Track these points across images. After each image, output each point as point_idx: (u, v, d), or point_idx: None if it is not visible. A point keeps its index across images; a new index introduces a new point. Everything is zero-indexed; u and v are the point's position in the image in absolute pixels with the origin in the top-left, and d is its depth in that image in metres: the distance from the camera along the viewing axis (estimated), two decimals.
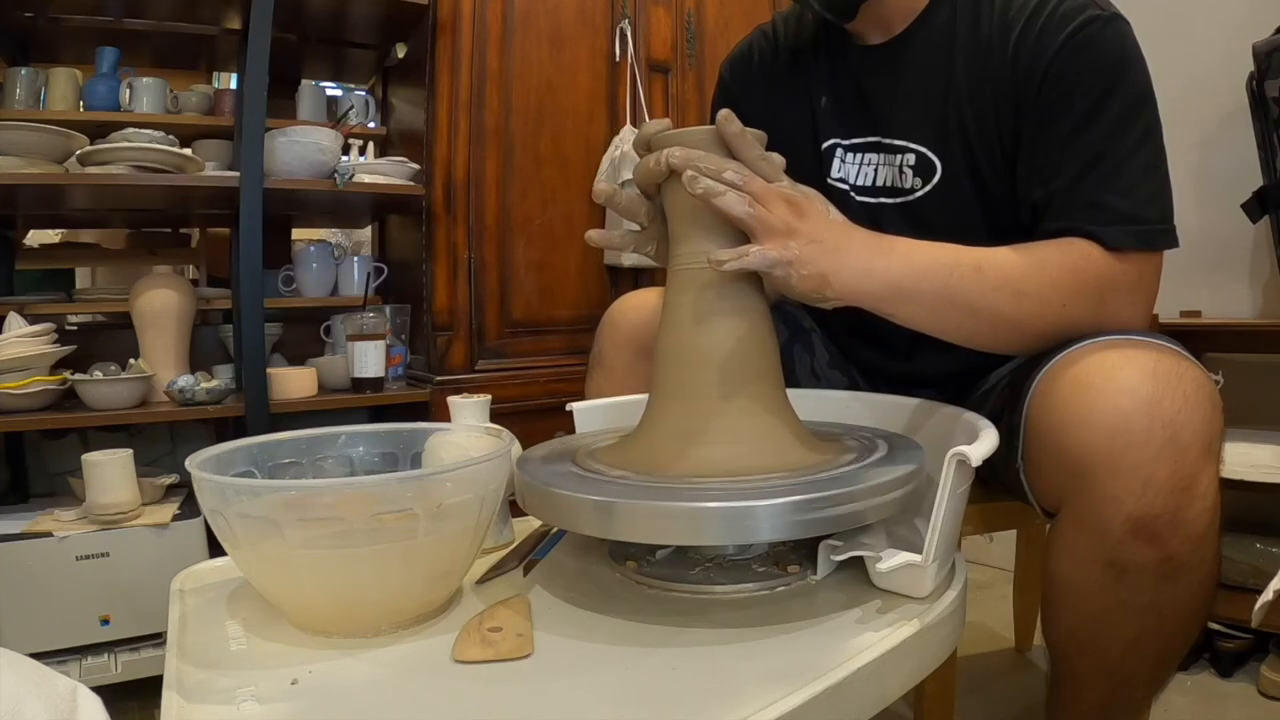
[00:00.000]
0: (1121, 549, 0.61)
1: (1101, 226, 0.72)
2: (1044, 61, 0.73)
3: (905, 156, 0.84)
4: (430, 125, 1.58)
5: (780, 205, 0.64)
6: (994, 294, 0.68)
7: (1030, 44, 0.74)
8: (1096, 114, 0.72)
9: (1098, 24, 0.72)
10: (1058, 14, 0.73)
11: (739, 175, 0.63)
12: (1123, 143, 0.72)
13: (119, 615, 1.25)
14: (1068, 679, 0.69)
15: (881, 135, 0.86)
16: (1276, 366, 1.38)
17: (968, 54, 0.79)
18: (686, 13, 1.81)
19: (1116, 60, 0.72)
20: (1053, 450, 0.65)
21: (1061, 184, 0.73)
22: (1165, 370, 0.62)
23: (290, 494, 0.57)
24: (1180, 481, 0.59)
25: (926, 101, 0.82)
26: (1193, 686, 1.21)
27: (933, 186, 0.83)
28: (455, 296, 1.58)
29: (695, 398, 0.64)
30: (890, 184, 0.86)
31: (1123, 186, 0.71)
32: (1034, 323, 0.70)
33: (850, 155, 0.89)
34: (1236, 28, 1.28)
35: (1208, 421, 0.61)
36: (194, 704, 0.48)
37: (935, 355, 0.86)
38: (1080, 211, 0.73)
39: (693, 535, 0.54)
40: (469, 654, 0.52)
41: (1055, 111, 0.73)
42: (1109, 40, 0.72)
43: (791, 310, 1.03)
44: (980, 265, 0.69)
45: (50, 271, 1.84)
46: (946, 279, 0.68)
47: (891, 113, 0.85)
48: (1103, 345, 0.66)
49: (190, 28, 1.65)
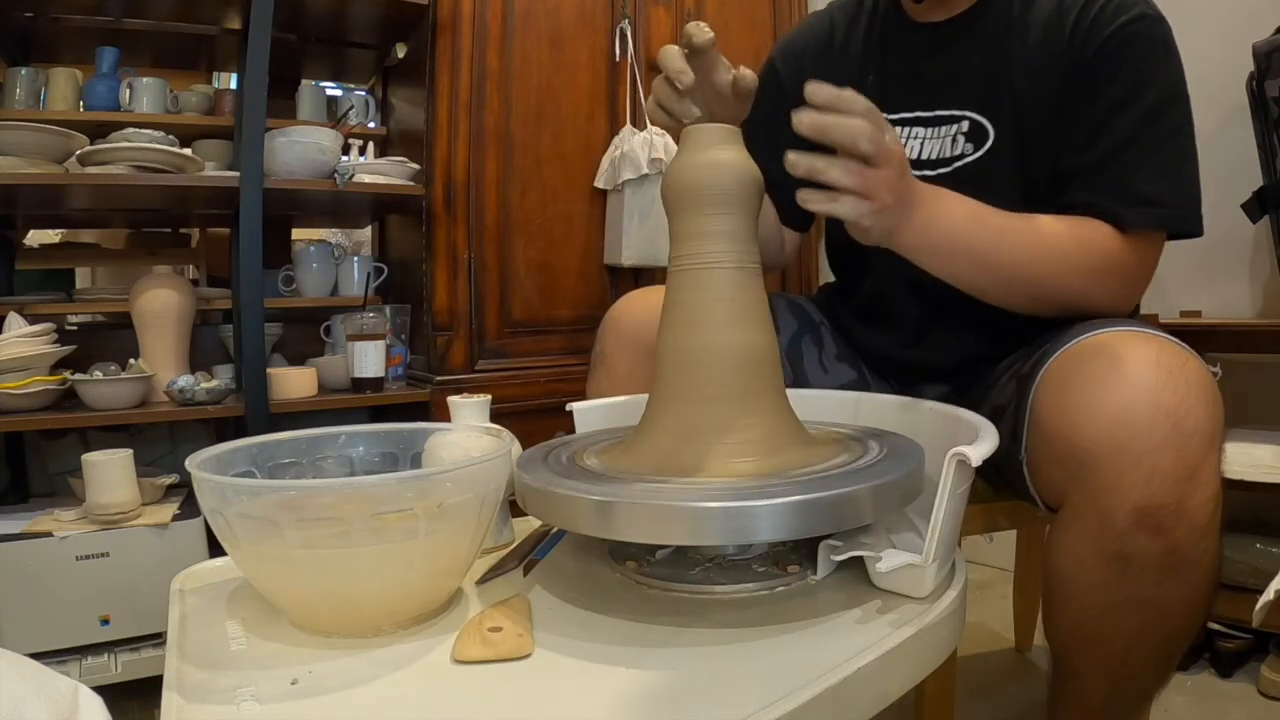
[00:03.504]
0: (1126, 541, 0.61)
1: (1120, 207, 0.77)
2: (1095, 43, 0.79)
3: (959, 125, 0.88)
4: (430, 125, 1.58)
5: (894, 165, 0.66)
6: (1007, 255, 0.76)
7: (1086, 26, 0.79)
8: (1134, 100, 0.77)
9: (1148, 21, 0.78)
10: (1113, 4, 0.79)
11: (873, 145, 0.64)
12: (1155, 130, 0.77)
13: (119, 615, 1.25)
14: (1069, 676, 0.69)
15: (932, 109, 0.89)
16: (1276, 366, 1.38)
17: (1025, 34, 0.84)
18: (686, 13, 1.81)
19: (1160, 56, 0.78)
20: (1056, 442, 0.66)
21: (1090, 159, 0.79)
22: (1167, 360, 0.62)
23: (290, 494, 0.57)
24: (1184, 471, 0.59)
25: (983, 75, 0.86)
26: (1193, 686, 1.21)
27: (984, 152, 0.86)
28: (455, 296, 1.58)
29: (695, 398, 0.64)
30: (937, 156, 0.89)
31: (1149, 170, 0.77)
32: (1036, 287, 0.78)
33: (895, 130, 0.90)
34: (1236, 28, 1.28)
35: (1210, 411, 0.61)
36: (194, 704, 0.48)
37: (942, 341, 0.90)
38: (1104, 188, 0.79)
39: (693, 535, 0.54)
40: (469, 654, 0.52)
41: (1098, 91, 0.79)
42: (1156, 37, 0.78)
43: (801, 303, 1.04)
44: (1003, 229, 0.77)
45: (50, 271, 1.84)
46: (971, 240, 0.76)
47: (946, 85, 0.88)
48: (1105, 338, 0.67)
49: (190, 28, 1.65)
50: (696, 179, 0.65)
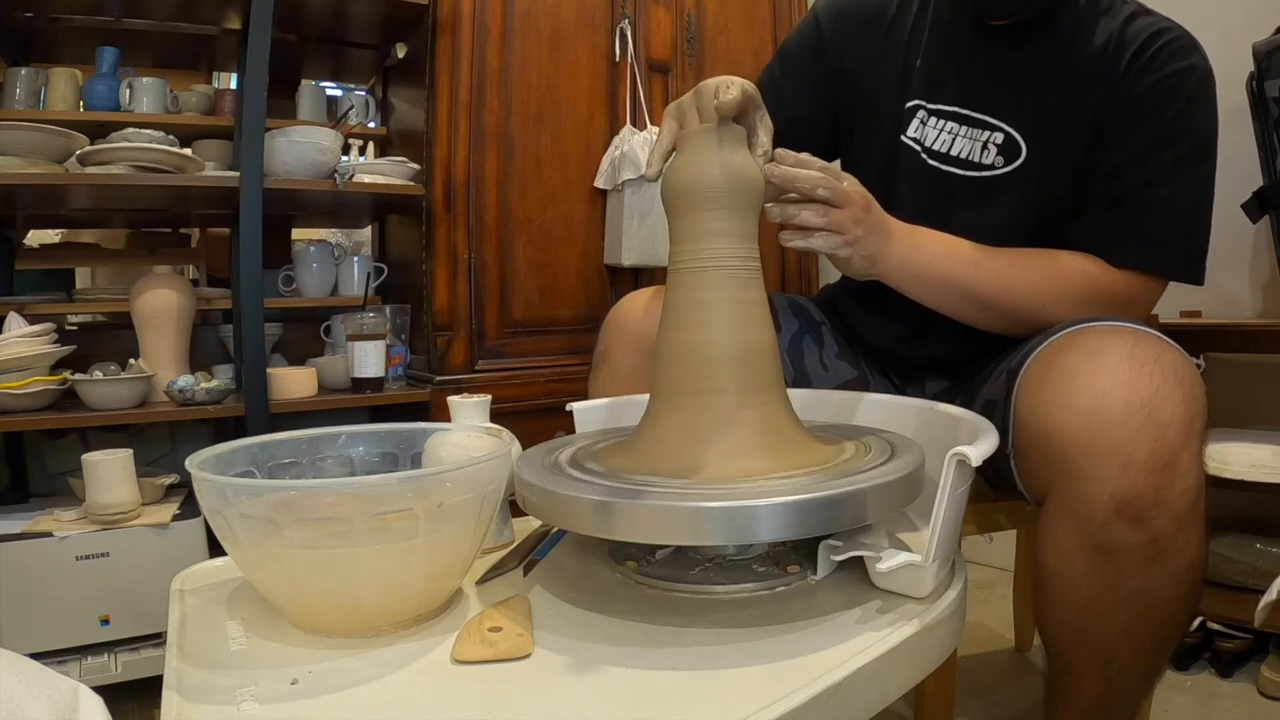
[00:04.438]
0: (1106, 531, 0.61)
1: (1124, 243, 0.81)
2: (1146, 82, 0.80)
3: (993, 135, 0.88)
4: (430, 125, 1.58)
5: (856, 203, 0.75)
6: (985, 285, 0.82)
7: (1141, 64, 0.81)
8: (1169, 145, 0.80)
9: (1199, 73, 0.80)
10: (1171, 47, 0.81)
11: (828, 191, 0.73)
12: (1181, 178, 0.80)
13: (119, 615, 1.25)
14: (1064, 672, 0.70)
15: (973, 110, 0.89)
16: (1276, 366, 1.38)
17: (1081, 58, 0.84)
18: (686, 13, 1.81)
19: (1201, 108, 0.81)
20: (1036, 436, 0.67)
21: (1113, 191, 0.82)
22: (1142, 352, 0.63)
23: (290, 494, 0.57)
24: (1161, 460, 0.60)
25: (1031, 90, 0.86)
26: (1193, 686, 1.21)
27: (1014, 169, 0.87)
28: (455, 296, 1.58)
29: (696, 397, 0.64)
30: (967, 156, 0.89)
31: (1163, 214, 0.80)
32: (1015, 312, 0.82)
33: (932, 119, 0.91)
34: (1236, 28, 1.28)
35: (1187, 400, 0.61)
36: (194, 704, 0.48)
37: (944, 336, 0.91)
38: (1116, 221, 0.82)
39: (693, 535, 0.54)
40: (469, 654, 0.52)
41: (1136, 129, 0.81)
42: (1202, 89, 0.81)
43: (803, 303, 1.05)
44: (979, 262, 0.82)
45: (50, 271, 1.84)
46: (949, 271, 0.82)
47: (989, 91, 0.88)
48: (1083, 332, 0.69)
49: (190, 28, 1.64)
50: (696, 179, 0.65)
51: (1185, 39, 0.81)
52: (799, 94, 0.98)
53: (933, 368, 0.96)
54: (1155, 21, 0.83)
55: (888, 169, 0.92)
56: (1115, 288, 0.81)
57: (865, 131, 0.96)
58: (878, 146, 0.94)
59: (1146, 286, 0.83)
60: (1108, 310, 0.78)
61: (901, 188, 0.91)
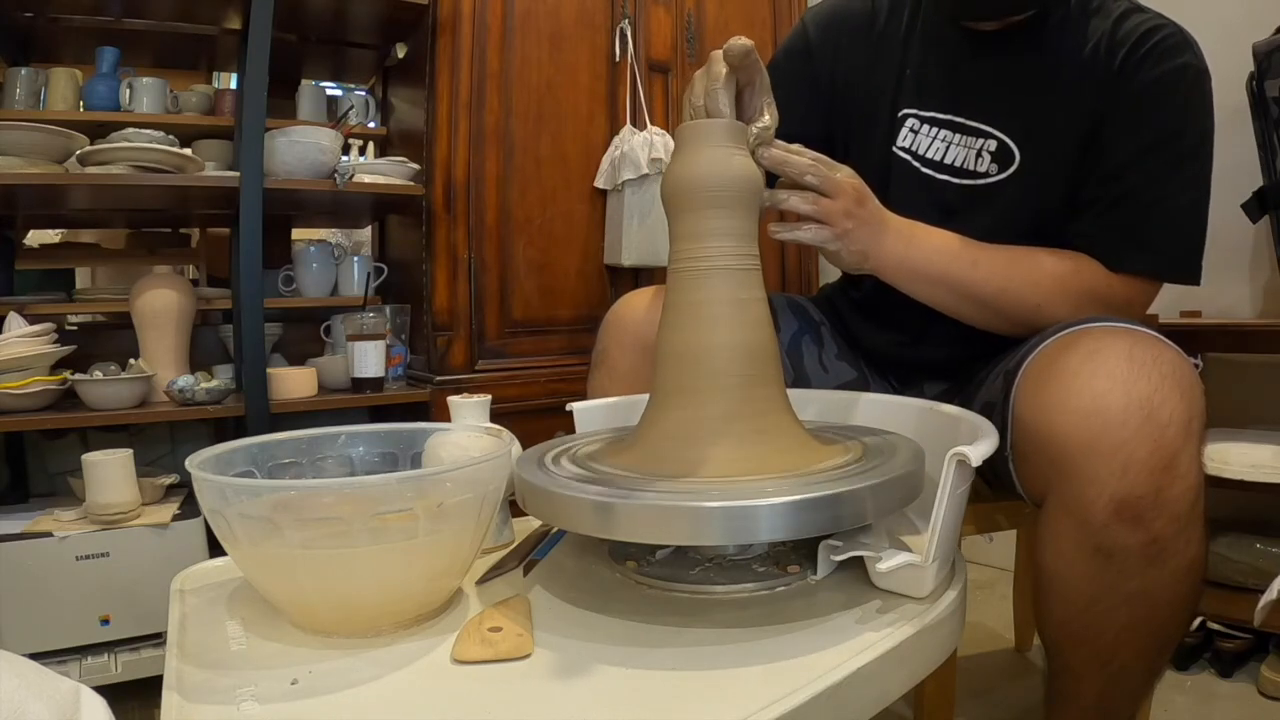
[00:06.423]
0: (1106, 533, 0.61)
1: (1122, 245, 0.80)
2: (1140, 82, 0.80)
3: (986, 142, 0.87)
4: (430, 125, 1.58)
5: (847, 194, 0.75)
6: (983, 284, 0.82)
7: (1133, 64, 0.80)
8: (1165, 145, 0.79)
9: (1193, 71, 0.80)
10: (1164, 45, 0.80)
11: (817, 178, 0.73)
12: (1178, 179, 0.80)
13: (119, 615, 1.25)
14: (1063, 672, 0.70)
15: (966, 117, 0.88)
16: (1276, 366, 1.38)
17: (1073, 61, 0.83)
18: (686, 13, 1.81)
19: (1197, 107, 0.80)
20: (1035, 438, 0.67)
21: (1110, 193, 0.81)
22: (1141, 352, 0.63)
23: (290, 494, 0.57)
24: (1160, 461, 0.60)
25: (1023, 95, 0.85)
26: (1193, 686, 1.21)
27: (1007, 176, 0.87)
28: (455, 296, 1.58)
29: (695, 397, 0.64)
30: (961, 164, 0.89)
31: (1161, 216, 0.81)
32: (1013, 311, 0.82)
33: (925, 128, 0.91)
34: (1236, 28, 1.28)
35: (1186, 401, 0.61)
36: (194, 704, 0.48)
37: (943, 339, 0.91)
38: (1113, 223, 0.81)
39: (693, 535, 0.54)
40: (469, 654, 0.52)
41: (1132, 130, 0.80)
42: (1197, 88, 0.80)
43: (802, 303, 1.05)
44: (976, 260, 0.82)
45: (50, 271, 1.84)
46: (946, 268, 0.82)
47: (981, 98, 0.87)
48: (1081, 333, 0.68)
49: (190, 28, 1.65)
50: (696, 178, 0.65)
51: (1178, 35, 0.81)
52: (790, 105, 0.97)
53: (931, 370, 0.96)
54: (1147, 19, 0.82)
55: (881, 177, 0.92)
56: (1113, 288, 0.81)
57: (859, 141, 0.96)
58: (871, 155, 0.93)
59: (1144, 287, 0.83)
60: (1105, 311, 0.78)
61: (895, 196, 0.90)
